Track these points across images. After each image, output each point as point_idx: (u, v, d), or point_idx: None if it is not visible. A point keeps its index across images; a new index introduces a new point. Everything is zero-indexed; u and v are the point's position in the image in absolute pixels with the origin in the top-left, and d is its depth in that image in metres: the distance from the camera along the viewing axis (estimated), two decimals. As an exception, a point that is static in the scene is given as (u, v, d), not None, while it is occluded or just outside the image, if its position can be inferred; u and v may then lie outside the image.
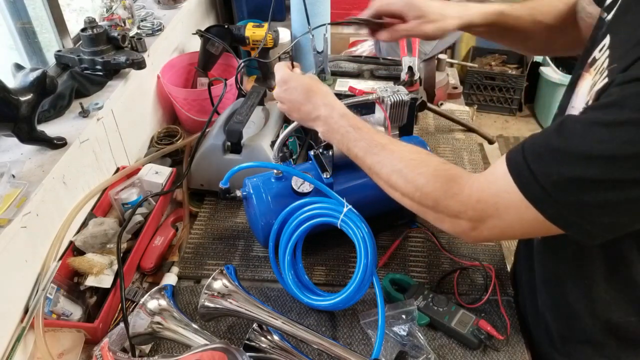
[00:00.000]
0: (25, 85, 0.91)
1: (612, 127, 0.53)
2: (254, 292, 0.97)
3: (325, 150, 1.00)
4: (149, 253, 1.04)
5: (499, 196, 0.62)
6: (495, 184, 0.63)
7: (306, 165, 1.03)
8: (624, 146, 0.52)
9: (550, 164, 0.57)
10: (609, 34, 0.62)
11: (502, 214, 0.63)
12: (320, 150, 1.01)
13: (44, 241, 0.93)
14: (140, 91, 1.33)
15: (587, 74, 0.66)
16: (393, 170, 0.73)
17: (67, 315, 0.89)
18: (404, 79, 1.14)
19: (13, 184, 0.88)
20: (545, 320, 0.85)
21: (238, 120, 1.13)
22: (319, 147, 1.01)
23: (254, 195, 0.96)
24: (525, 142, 0.61)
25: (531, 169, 0.58)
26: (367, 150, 0.77)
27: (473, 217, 0.66)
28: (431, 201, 0.69)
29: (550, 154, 0.57)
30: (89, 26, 1.14)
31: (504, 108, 3.40)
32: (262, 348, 0.83)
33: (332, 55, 1.29)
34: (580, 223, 0.57)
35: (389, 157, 0.75)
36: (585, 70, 0.67)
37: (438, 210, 0.69)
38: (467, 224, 0.66)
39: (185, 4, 1.61)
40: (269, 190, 0.97)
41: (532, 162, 0.58)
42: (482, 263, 1.00)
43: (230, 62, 1.53)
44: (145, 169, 1.15)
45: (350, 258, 1.05)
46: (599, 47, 0.64)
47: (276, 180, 0.98)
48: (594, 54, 0.65)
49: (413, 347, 0.86)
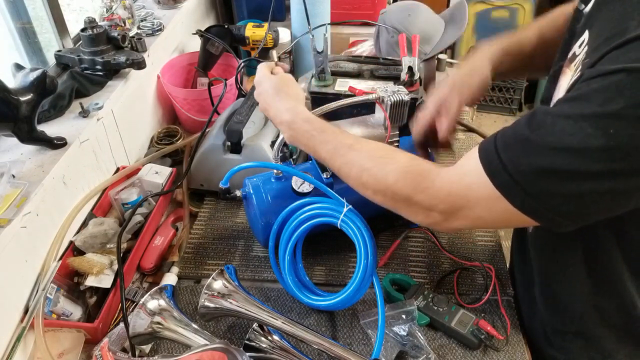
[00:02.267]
0: (25, 85, 0.91)
1: (578, 120, 0.54)
2: (254, 292, 0.97)
3: None
4: (149, 253, 1.04)
5: (470, 187, 0.64)
6: (466, 175, 0.65)
7: (306, 165, 1.03)
8: (588, 139, 0.53)
9: (520, 154, 0.58)
10: (587, 30, 0.63)
11: (472, 205, 0.64)
12: None
13: (44, 241, 0.93)
14: (140, 91, 1.33)
15: (568, 69, 0.67)
16: (363, 170, 0.74)
17: (67, 315, 0.89)
18: (404, 79, 1.14)
19: (13, 184, 0.88)
20: (539, 314, 0.86)
21: (238, 120, 1.13)
22: None
23: (254, 195, 0.96)
24: (497, 133, 0.63)
25: (501, 159, 0.59)
26: (334, 152, 0.78)
27: (444, 210, 0.67)
28: (403, 197, 0.70)
29: (520, 144, 0.59)
30: (89, 26, 1.14)
31: (504, 108, 3.40)
32: (262, 348, 0.83)
33: (332, 55, 1.29)
34: (547, 213, 0.58)
35: (357, 156, 0.76)
36: (566, 65, 0.68)
37: (411, 205, 0.70)
38: (439, 216, 0.68)
39: (185, 4, 1.61)
40: (269, 190, 0.97)
41: (503, 152, 0.60)
42: (482, 263, 1.00)
43: (230, 62, 1.53)
44: (145, 169, 1.15)
45: (350, 258, 1.05)
46: (578, 42, 0.65)
47: (276, 180, 0.98)
48: (574, 49, 0.66)
49: (413, 347, 0.86)
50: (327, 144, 0.79)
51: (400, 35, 1.17)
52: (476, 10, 3.20)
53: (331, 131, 0.80)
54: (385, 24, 1.41)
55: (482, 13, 3.22)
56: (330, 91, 1.17)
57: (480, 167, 0.62)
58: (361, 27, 1.77)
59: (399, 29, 1.37)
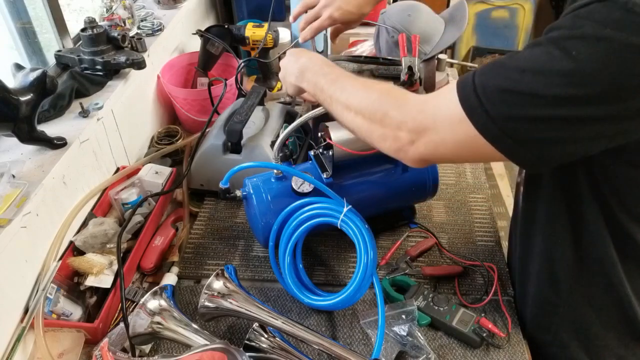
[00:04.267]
0: (25, 85, 0.91)
1: (547, 45, 0.56)
2: (254, 292, 0.97)
3: (325, 150, 1.00)
4: (149, 253, 1.04)
5: (439, 108, 0.65)
6: (440, 96, 0.66)
7: (306, 165, 1.03)
8: (553, 61, 0.54)
9: (490, 77, 0.60)
10: None
11: (438, 125, 0.65)
12: (320, 151, 1.01)
13: (44, 241, 0.93)
14: (140, 91, 1.33)
15: None
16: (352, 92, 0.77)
17: (67, 315, 0.89)
18: (404, 79, 1.14)
19: (13, 184, 0.88)
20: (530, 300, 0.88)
21: (238, 120, 1.13)
22: (319, 147, 1.01)
23: (254, 196, 0.96)
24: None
25: (474, 81, 0.61)
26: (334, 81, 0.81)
27: (412, 129, 0.67)
28: (380, 114, 0.71)
29: (494, 69, 0.60)
30: (89, 26, 1.14)
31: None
32: (262, 348, 0.82)
33: (332, 55, 1.29)
34: (505, 138, 0.58)
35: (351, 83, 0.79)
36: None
37: (384, 125, 0.70)
38: (406, 135, 0.68)
39: (185, 4, 1.61)
40: (269, 190, 0.97)
41: (477, 76, 0.61)
42: (483, 262, 1.00)
43: (230, 62, 1.53)
44: (145, 169, 1.15)
45: (350, 258, 1.05)
46: None
47: (276, 180, 0.98)
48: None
49: (413, 347, 0.86)
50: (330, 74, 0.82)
51: (400, 35, 1.17)
52: (476, 10, 3.20)
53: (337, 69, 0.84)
54: (385, 24, 1.41)
55: (482, 13, 3.22)
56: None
57: (455, 91, 0.63)
58: (361, 27, 1.75)
59: (399, 29, 1.37)
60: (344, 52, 1.67)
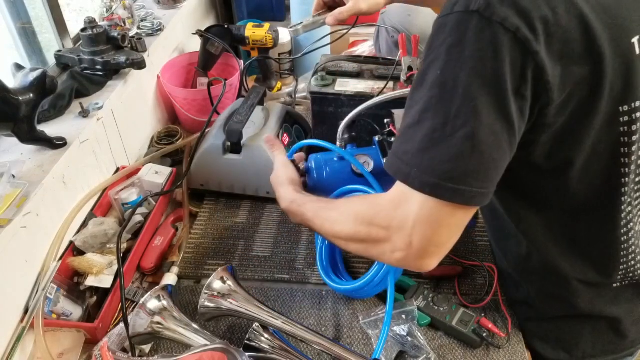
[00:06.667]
0: (25, 85, 0.91)
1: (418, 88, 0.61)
2: (254, 292, 0.97)
3: (389, 137, 0.99)
4: (149, 253, 1.04)
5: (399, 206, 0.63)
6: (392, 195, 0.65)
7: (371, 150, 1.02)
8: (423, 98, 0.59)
9: (398, 140, 0.63)
10: None
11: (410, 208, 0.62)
12: (385, 137, 1.00)
13: (44, 241, 0.93)
14: (140, 91, 1.33)
15: None
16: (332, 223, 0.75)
17: (67, 315, 0.89)
18: (404, 79, 1.14)
19: (13, 184, 0.88)
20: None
21: (238, 120, 1.13)
22: (383, 132, 1.00)
23: (315, 170, 0.98)
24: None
25: (395, 154, 0.63)
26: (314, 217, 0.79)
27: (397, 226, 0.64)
28: (364, 233, 0.68)
29: (400, 137, 0.63)
30: (89, 26, 1.14)
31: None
32: (262, 348, 0.83)
33: (332, 55, 1.29)
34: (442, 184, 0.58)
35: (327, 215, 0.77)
36: None
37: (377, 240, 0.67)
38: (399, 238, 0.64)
39: (185, 4, 1.61)
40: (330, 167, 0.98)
41: (394, 148, 0.64)
42: (483, 262, 1.00)
43: (230, 62, 1.53)
44: (145, 169, 1.15)
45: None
46: None
47: (338, 160, 0.99)
48: None
49: (413, 347, 0.86)
50: (309, 212, 0.81)
51: (400, 35, 1.17)
52: (476, 10, 3.19)
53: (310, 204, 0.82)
54: (385, 24, 1.41)
55: (482, 13, 3.22)
56: (330, 91, 1.17)
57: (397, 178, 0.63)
58: (361, 27, 1.77)
59: (399, 29, 1.37)
60: (344, 52, 1.67)
